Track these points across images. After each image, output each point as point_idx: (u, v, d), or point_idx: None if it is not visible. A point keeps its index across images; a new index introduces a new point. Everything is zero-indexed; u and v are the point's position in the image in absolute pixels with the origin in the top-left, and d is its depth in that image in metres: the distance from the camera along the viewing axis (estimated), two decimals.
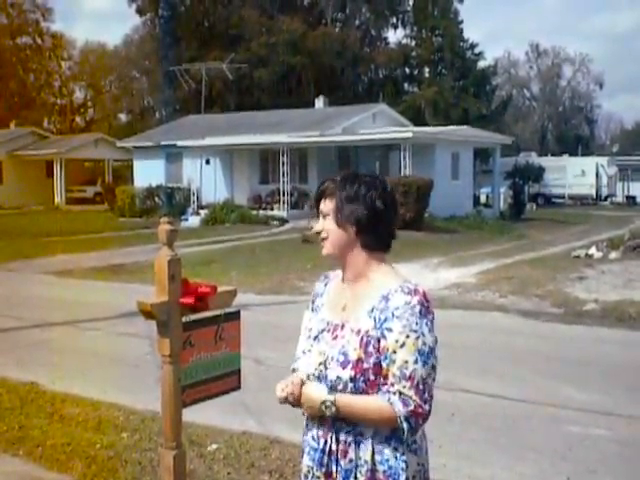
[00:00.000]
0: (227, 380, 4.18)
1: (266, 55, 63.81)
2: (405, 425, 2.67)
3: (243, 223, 32.60)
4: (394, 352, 2.70)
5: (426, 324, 2.74)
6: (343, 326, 2.85)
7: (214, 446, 6.46)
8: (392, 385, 2.70)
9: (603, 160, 56.62)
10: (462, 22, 67.18)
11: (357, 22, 74.15)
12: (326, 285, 3.09)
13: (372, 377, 2.74)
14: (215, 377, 4.09)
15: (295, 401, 2.85)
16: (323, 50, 65.21)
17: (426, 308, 2.76)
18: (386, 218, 2.90)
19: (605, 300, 14.02)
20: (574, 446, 6.77)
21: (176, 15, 64.55)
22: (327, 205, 2.92)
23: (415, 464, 2.81)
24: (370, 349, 2.74)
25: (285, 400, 2.87)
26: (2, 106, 70.64)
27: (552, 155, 64.85)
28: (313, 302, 3.09)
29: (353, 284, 2.92)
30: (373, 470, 2.76)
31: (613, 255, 21.14)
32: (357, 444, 2.77)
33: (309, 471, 2.89)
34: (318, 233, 2.96)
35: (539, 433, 7.10)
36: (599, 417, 7.58)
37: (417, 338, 2.70)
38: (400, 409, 2.67)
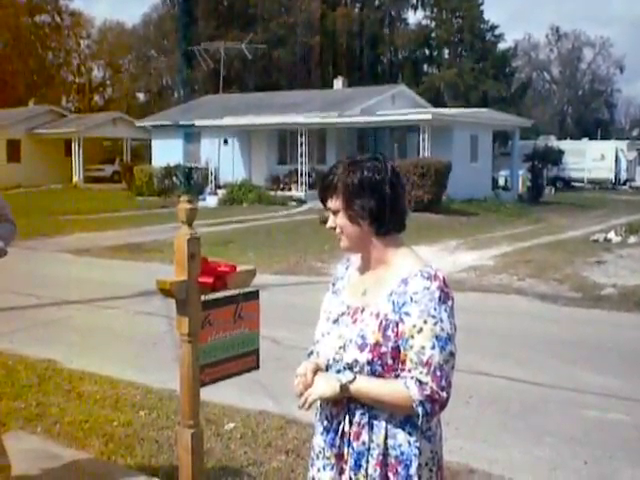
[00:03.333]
0: (245, 360, 4.17)
1: (285, 35, 63.76)
2: (420, 410, 2.64)
3: (261, 203, 32.66)
4: (412, 337, 2.67)
5: (445, 310, 2.70)
6: (363, 310, 2.81)
7: (231, 425, 6.47)
8: (409, 371, 2.67)
9: (622, 144, 56.24)
10: (482, 4, 67.02)
11: (377, 3, 73.83)
12: (347, 268, 3.05)
13: (390, 361, 2.71)
14: (233, 356, 4.09)
15: (306, 387, 2.82)
16: (342, 31, 65.11)
17: (445, 294, 2.73)
18: (396, 201, 2.85)
19: (623, 285, 13.97)
20: (592, 431, 6.75)
21: None
22: (335, 203, 2.84)
23: (428, 451, 2.78)
24: (389, 333, 2.71)
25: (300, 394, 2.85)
26: (21, 84, 70.82)
27: (571, 139, 64.38)
28: (334, 285, 3.05)
29: (374, 269, 2.89)
30: (385, 454, 2.73)
31: (632, 239, 21.03)
32: (371, 427, 2.74)
33: (320, 452, 2.87)
34: (333, 228, 2.90)
35: (557, 417, 7.08)
36: (617, 402, 7.54)
37: (435, 324, 2.67)
38: (416, 394, 2.63)
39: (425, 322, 2.67)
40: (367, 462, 2.74)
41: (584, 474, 5.88)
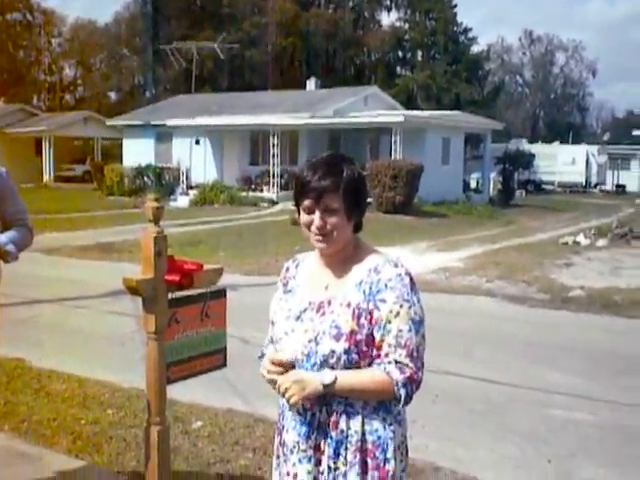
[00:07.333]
0: (212, 358, 4.20)
1: (258, 35, 63.71)
2: (402, 391, 2.70)
3: (232, 204, 32.61)
4: (389, 322, 2.73)
5: (415, 294, 2.80)
6: (330, 302, 2.83)
7: (199, 423, 6.49)
8: (387, 355, 2.73)
9: (593, 148, 56.77)
10: (456, 6, 67.35)
11: (350, 4, 73.98)
12: (297, 267, 3.07)
13: (365, 348, 2.75)
14: (200, 354, 4.11)
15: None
16: (315, 32, 65.11)
17: (412, 280, 2.83)
18: None
19: (591, 287, 14.10)
20: (556, 430, 6.83)
21: None
22: (334, 201, 2.77)
23: (400, 435, 2.85)
24: (362, 321, 2.75)
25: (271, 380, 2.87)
26: None
27: (543, 142, 64.81)
28: (286, 285, 3.07)
29: (338, 265, 2.90)
30: (362, 440, 2.77)
31: (600, 243, 21.24)
32: (347, 415, 2.78)
33: (295, 446, 2.86)
34: (321, 228, 2.79)
35: (522, 416, 7.16)
36: (582, 402, 7.63)
37: (409, 307, 2.75)
38: (398, 376, 2.69)
39: (401, 306, 2.74)
40: (346, 449, 2.78)
41: (548, 472, 5.96)
